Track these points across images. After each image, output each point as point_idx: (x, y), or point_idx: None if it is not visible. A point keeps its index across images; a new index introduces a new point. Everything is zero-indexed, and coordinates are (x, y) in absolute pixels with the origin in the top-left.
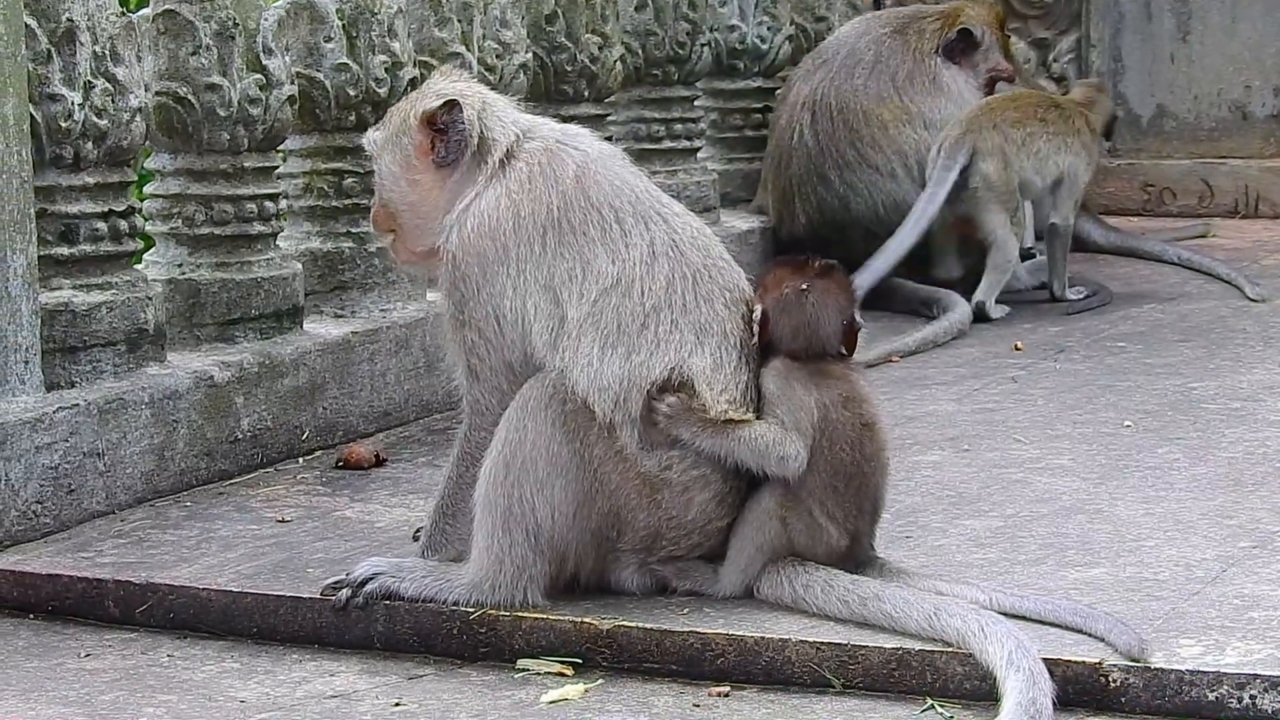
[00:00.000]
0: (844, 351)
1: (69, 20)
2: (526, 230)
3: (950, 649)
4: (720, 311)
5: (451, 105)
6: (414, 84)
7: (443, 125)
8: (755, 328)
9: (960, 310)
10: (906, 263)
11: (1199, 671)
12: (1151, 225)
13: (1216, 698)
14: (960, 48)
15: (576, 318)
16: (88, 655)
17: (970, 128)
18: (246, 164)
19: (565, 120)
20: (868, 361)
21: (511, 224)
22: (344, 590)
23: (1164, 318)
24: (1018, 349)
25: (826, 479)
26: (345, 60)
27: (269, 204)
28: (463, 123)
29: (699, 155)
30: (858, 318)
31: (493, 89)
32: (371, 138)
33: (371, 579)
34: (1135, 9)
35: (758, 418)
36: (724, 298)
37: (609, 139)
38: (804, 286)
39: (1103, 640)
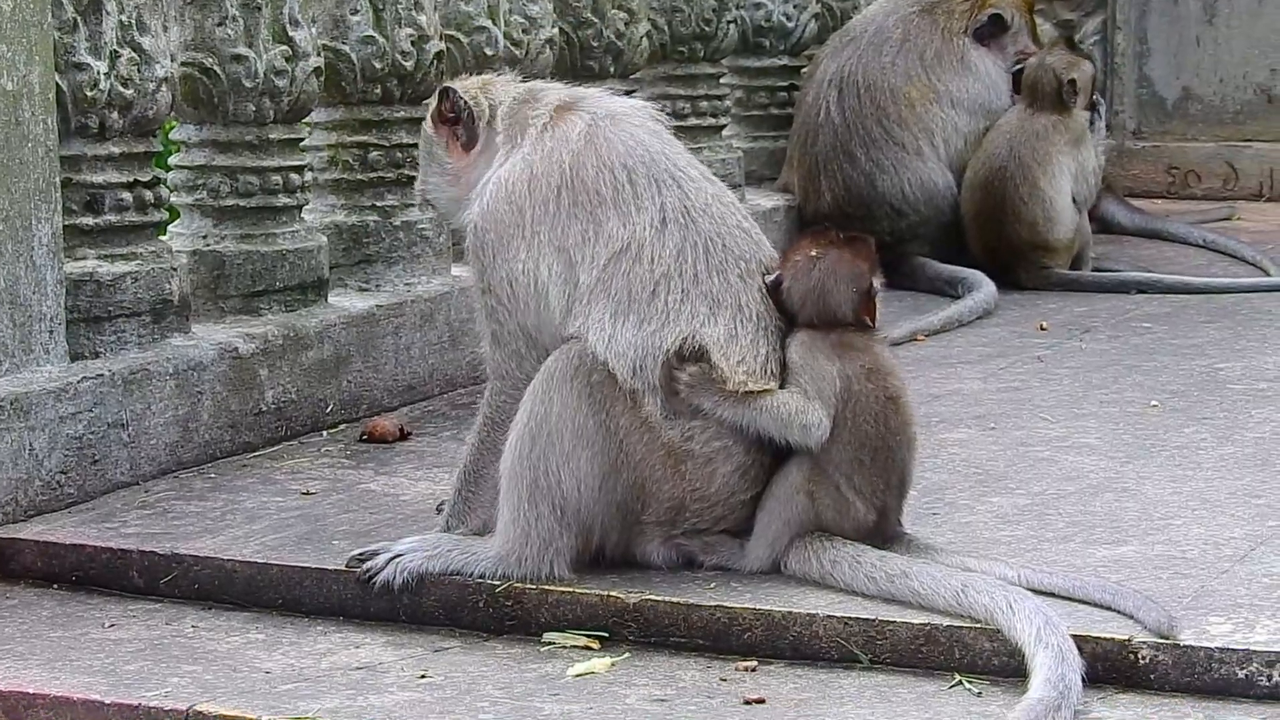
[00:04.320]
0: (865, 322)
1: None
2: (541, 191)
3: (978, 625)
4: (734, 283)
5: (445, 93)
6: (440, 58)
7: (453, 115)
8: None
9: (985, 290)
10: (932, 242)
11: (1228, 649)
12: (1176, 208)
13: (1246, 675)
14: (990, 30)
15: (588, 282)
16: (112, 625)
17: None
18: (272, 136)
19: None
20: (893, 339)
21: (526, 186)
22: (369, 563)
23: (1189, 298)
24: (1042, 329)
25: (852, 452)
26: (371, 33)
27: (294, 176)
28: (463, 99)
29: (724, 133)
30: (876, 285)
31: (518, 63)
32: (418, 179)
33: (399, 555)
34: None
35: (780, 388)
36: (738, 268)
37: None
38: (814, 254)
39: (1132, 617)
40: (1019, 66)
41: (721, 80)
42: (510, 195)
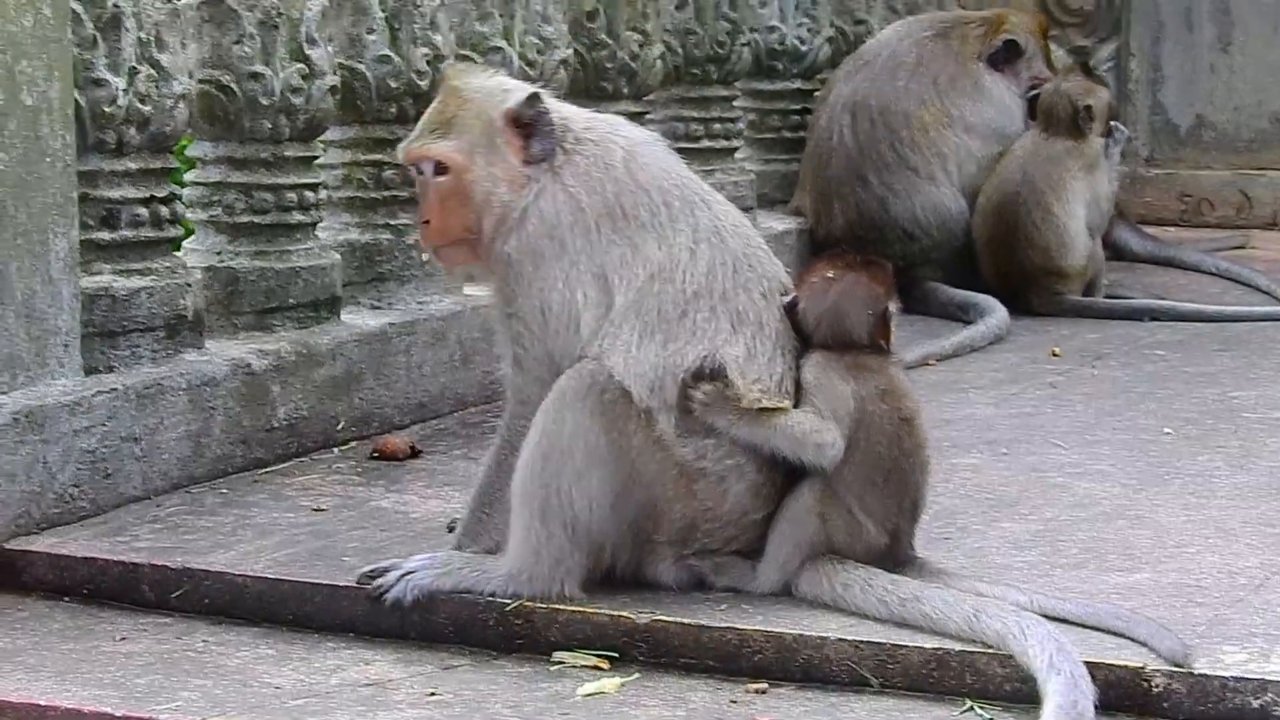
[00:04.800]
0: (879, 344)
1: (115, 6)
2: (584, 222)
3: (991, 650)
4: (757, 301)
5: (535, 99)
6: None
7: (530, 121)
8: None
9: (998, 315)
10: (945, 267)
11: (1243, 678)
12: (1189, 236)
13: (1261, 705)
14: (1004, 56)
15: (622, 304)
16: (123, 639)
17: None
18: (287, 153)
19: None
20: (905, 364)
21: (571, 218)
22: (379, 580)
23: (1203, 326)
24: (1055, 355)
25: (865, 473)
26: (387, 52)
27: (309, 194)
28: (550, 116)
29: (737, 155)
30: (891, 309)
31: (533, 84)
32: (447, 147)
33: (410, 572)
34: (1176, 18)
35: (795, 407)
36: (762, 286)
37: None
38: (831, 275)
39: (1145, 645)
40: (1034, 92)
41: (735, 103)
42: (553, 229)
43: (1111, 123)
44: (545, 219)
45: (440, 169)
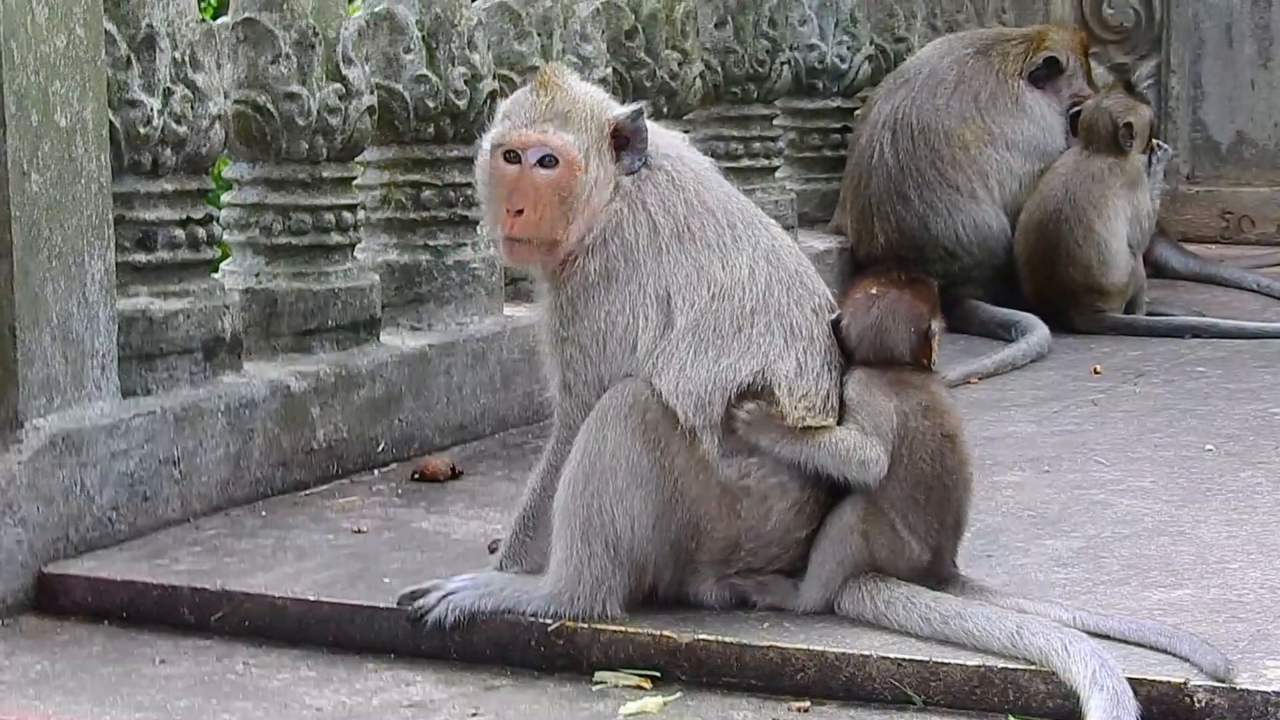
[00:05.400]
0: (922, 362)
1: (149, 26)
2: (657, 244)
3: (1033, 667)
4: (809, 316)
5: (639, 114)
6: (493, 97)
7: (629, 134)
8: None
9: (1039, 333)
10: (986, 285)
11: None
12: (1230, 253)
13: None
14: (1045, 73)
15: (683, 324)
16: (163, 662)
17: None
18: (325, 174)
19: None
20: (947, 382)
21: (647, 240)
22: (420, 601)
23: (1244, 343)
24: (1096, 372)
25: (907, 490)
26: (425, 72)
27: (347, 214)
28: (646, 133)
29: (777, 174)
30: (934, 328)
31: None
32: (569, 140)
33: (451, 593)
34: (1216, 34)
35: (838, 424)
36: (813, 302)
37: None
38: (874, 292)
39: (1187, 660)
40: (1077, 109)
41: (775, 121)
42: (631, 250)
43: (1154, 141)
44: (625, 240)
45: (549, 161)
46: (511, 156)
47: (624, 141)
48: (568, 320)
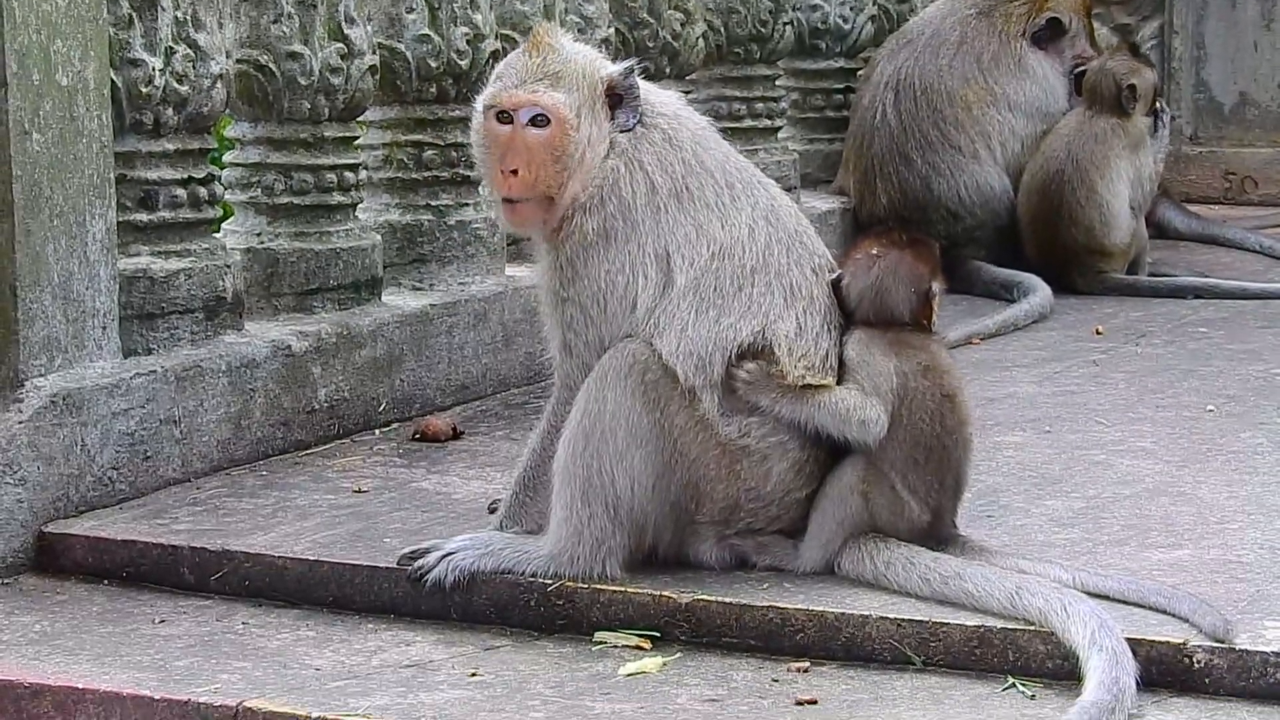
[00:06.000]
0: (922, 323)
1: None
2: (655, 203)
3: (1032, 628)
4: (809, 276)
5: (631, 71)
6: (495, 57)
7: (622, 92)
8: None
9: (1041, 294)
10: (988, 246)
11: None
12: (1232, 213)
13: None
14: (1048, 34)
15: (683, 283)
16: (162, 621)
17: None
18: (327, 134)
19: None
20: (948, 343)
21: (645, 199)
22: (420, 561)
23: (1246, 304)
24: (1098, 333)
25: (907, 450)
26: (427, 31)
27: (349, 174)
28: (639, 90)
29: (780, 135)
30: (935, 289)
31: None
32: (560, 99)
33: (451, 553)
34: None
35: (838, 384)
36: (813, 262)
37: None
38: (875, 252)
39: (1187, 621)
40: (1080, 70)
41: (777, 82)
42: (629, 209)
43: (1158, 104)
44: (623, 199)
45: (541, 120)
46: (504, 117)
47: (618, 100)
48: (567, 280)
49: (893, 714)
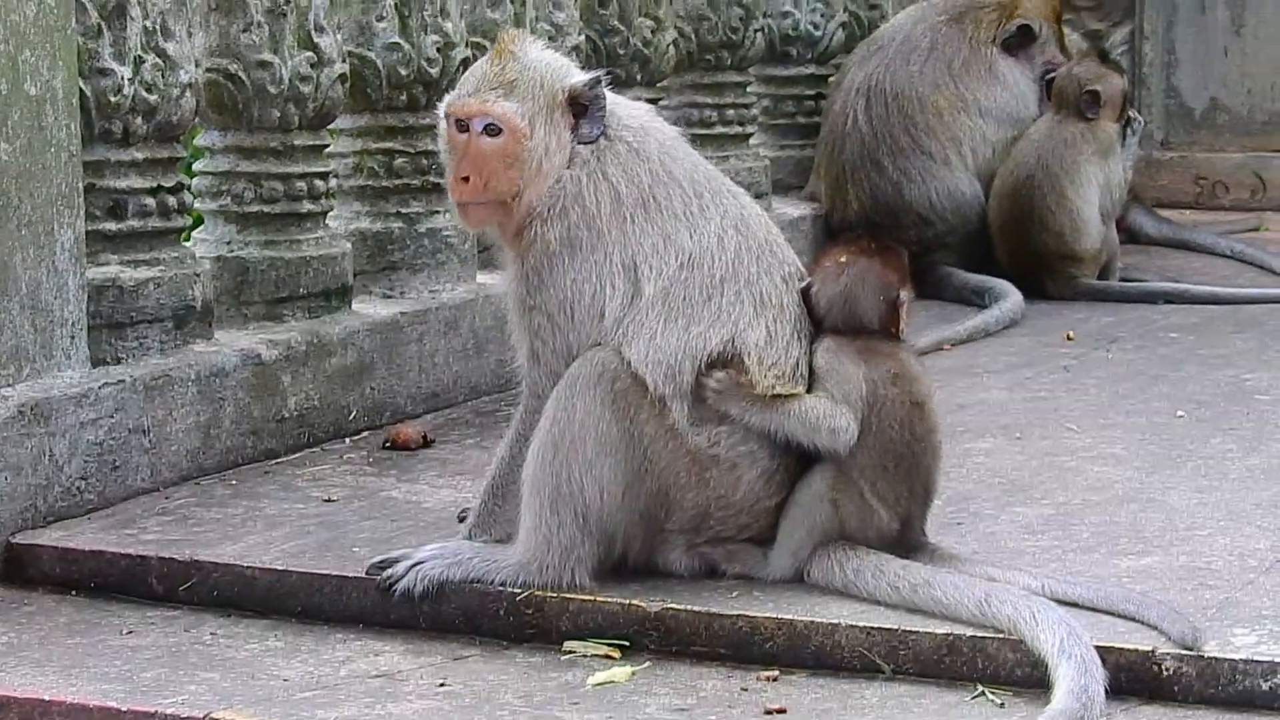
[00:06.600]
0: (890, 330)
1: None
2: (621, 213)
3: (1001, 635)
4: (779, 285)
5: (598, 82)
6: (465, 64)
7: (586, 102)
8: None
9: (1012, 299)
10: (959, 251)
11: (1253, 661)
12: (1203, 219)
13: (1270, 688)
14: (1018, 41)
15: (651, 293)
16: (130, 632)
17: None
18: (297, 142)
19: None
20: (919, 349)
21: (610, 209)
22: (389, 570)
23: (1217, 309)
24: (1069, 338)
25: (876, 458)
26: (397, 39)
27: (319, 182)
28: (604, 100)
29: (751, 141)
30: (903, 297)
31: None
32: (511, 108)
33: (420, 563)
34: (1189, 1)
35: (807, 393)
36: (783, 271)
37: None
38: (844, 260)
39: (1156, 628)
40: (1051, 76)
41: (748, 89)
42: (593, 219)
43: (1130, 113)
44: (587, 209)
45: (494, 129)
46: (461, 125)
47: (582, 109)
48: (534, 289)
49: None
